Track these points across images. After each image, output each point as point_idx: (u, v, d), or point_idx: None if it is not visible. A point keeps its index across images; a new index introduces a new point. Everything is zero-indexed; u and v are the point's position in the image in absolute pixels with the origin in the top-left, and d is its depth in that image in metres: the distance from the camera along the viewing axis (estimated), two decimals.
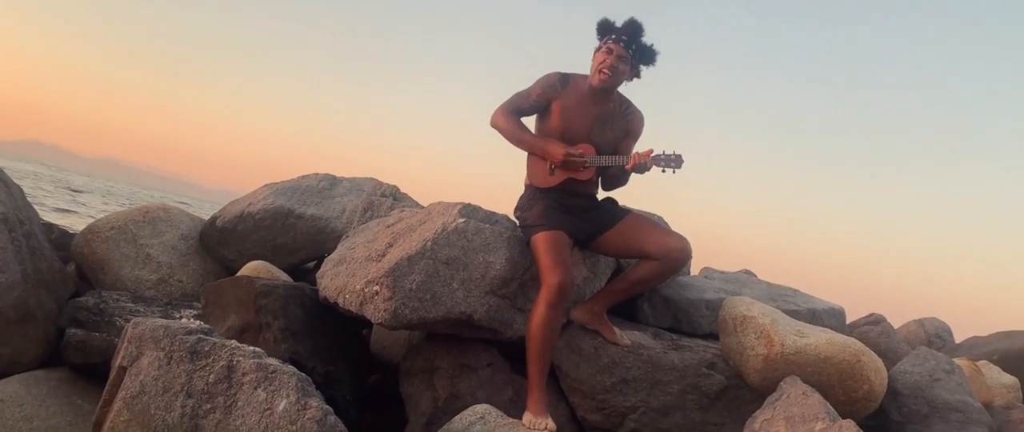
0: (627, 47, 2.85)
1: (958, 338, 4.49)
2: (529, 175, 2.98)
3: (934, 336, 4.41)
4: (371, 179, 4.52)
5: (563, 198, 2.92)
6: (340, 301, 2.86)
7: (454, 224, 2.83)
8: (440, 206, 3.07)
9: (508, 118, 2.93)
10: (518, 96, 2.98)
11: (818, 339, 2.65)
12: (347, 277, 2.90)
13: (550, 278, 2.63)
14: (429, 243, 2.77)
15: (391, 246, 2.94)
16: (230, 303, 3.01)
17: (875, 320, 4.09)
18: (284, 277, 3.71)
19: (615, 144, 2.98)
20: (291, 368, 2.28)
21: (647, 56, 2.91)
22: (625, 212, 2.96)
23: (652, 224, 2.91)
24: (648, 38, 2.87)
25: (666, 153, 2.79)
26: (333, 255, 3.21)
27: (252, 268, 3.70)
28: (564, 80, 2.96)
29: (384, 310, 2.67)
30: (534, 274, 2.82)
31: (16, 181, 3.65)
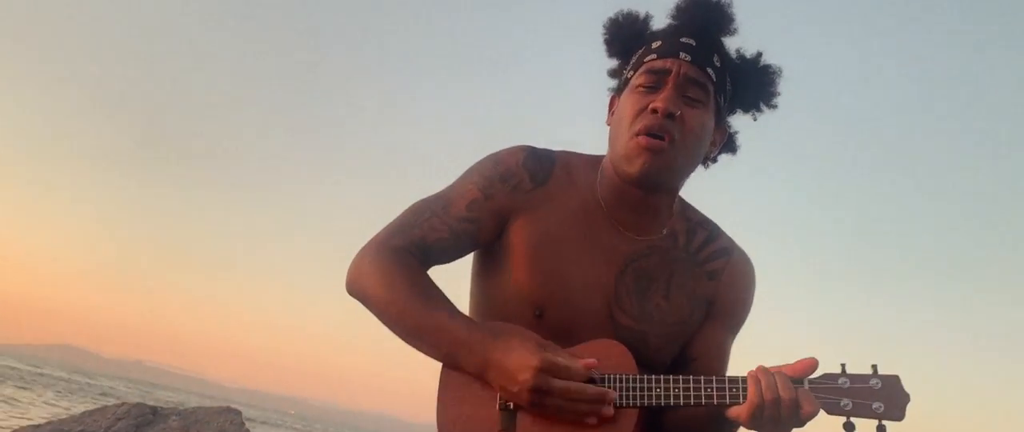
0: (703, 64, 1.10)
1: None
2: (441, 420, 1.09)
3: None
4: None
5: None
6: None
7: None
8: None
9: (392, 269, 1.09)
10: (419, 213, 1.16)
11: None
12: None
13: None
14: None
15: None
16: None
17: None
18: None
19: (680, 336, 1.16)
20: None
21: (760, 85, 1.17)
22: None
23: None
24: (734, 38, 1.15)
25: (859, 378, 0.97)
26: None
27: None
28: (540, 168, 1.17)
29: None
30: None
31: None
